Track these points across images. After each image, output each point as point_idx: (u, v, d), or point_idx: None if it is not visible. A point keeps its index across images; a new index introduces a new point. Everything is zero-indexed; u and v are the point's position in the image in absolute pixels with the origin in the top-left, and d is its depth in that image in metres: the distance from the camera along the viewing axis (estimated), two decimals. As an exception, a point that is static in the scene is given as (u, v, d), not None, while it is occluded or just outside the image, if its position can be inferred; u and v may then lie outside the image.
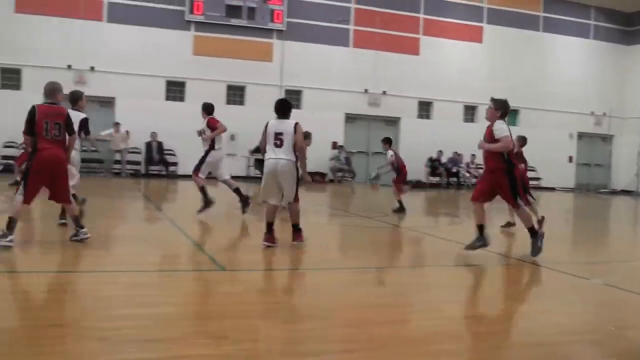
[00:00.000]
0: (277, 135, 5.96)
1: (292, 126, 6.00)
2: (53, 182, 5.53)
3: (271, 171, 5.93)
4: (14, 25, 16.86)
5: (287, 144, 5.91)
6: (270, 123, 6.07)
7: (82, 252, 5.66)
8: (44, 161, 5.43)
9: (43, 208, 8.09)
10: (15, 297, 4.21)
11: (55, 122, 5.52)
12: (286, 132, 5.95)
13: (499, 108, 6.07)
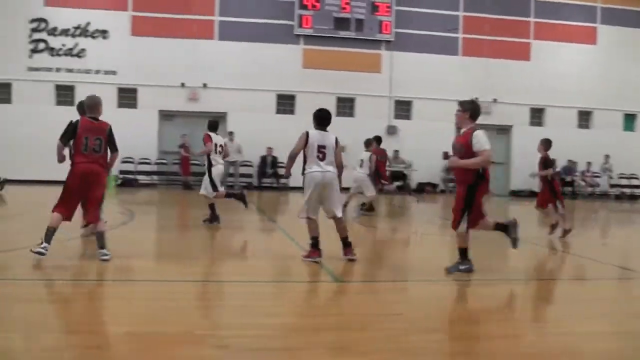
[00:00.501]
0: (320, 148, 5.96)
1: (333, 139, 6.05)
2: (86, 196, 5.66)
3: (318, 184, 5.92)
4: (131, 47, 18.03)
5: (329, 157, 5.96)
6: (311, 134, 6.03)
7: (201, 262, 6.16)
8: (79, 175, 5.59)
9: (178, 220, 8.81)
10: (138, 305, 4.43)
11: (96, 137, 5.67)
12: (328, 145, 6.00)
13: (467, 110, 5.63)
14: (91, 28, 17.83)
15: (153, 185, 18.13)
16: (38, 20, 17.81)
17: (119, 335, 3.65)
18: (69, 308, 4.40)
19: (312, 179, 5.95)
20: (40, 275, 5.40)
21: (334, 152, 5.98)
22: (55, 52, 17.83)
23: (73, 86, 17.76)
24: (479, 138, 5.43)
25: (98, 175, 5.68)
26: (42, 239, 5.42)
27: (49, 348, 3.38)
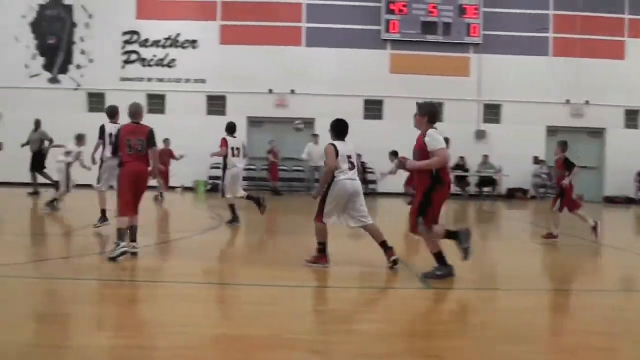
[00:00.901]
0: (348, 158, 6.38)
1: (354, 147, 6.53)
2: (135, 193, 6.59)
3: (348, 192, 6.28)
4: (220, 56, 19.28)
5: (355, 165, 6.42)
6: (338, 145, 6.41)
7: (290, 267, 6.47)
8: (128, 174, 6.57)
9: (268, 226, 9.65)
10: (231, 308, 4.85)
11: (138, 138, 6.65)
12: (352, 154, 6.50)
13: (425, 114, 5.71)
14: (181, 39, 19.17)
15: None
16: (131, 33, 19.25)
17: (211, 337, 3.99)
18: (161, 309, 4.82)
19: (343, 186, 6.25)
20: (128, 276, 6.11)
21: (355, 159, 6.43)
22: (146, 62, 19.21)
23: (164, 95, 19.12)
24: (432, 137, 5.50)
25: (143, 175, 6.69)
26: (117, 241, 6.36)
27: (145, 347, 3.82)
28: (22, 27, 19.66)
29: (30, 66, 19.74)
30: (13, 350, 3.64)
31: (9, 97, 19.29)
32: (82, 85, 19.64)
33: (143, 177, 6.69)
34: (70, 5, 19.58)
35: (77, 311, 4.72)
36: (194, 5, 19.31)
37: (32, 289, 5.45)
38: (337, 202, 6.29)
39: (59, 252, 7.70)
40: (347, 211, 6.34)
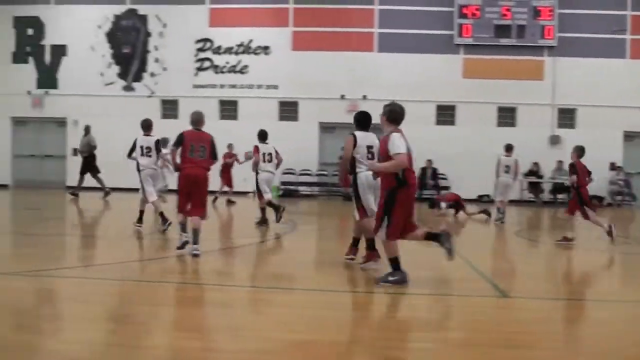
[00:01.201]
0: (369, 148, 6.70)
1: (376, 139, 6.71)
2: (191, 196, 7.30)
3: (372, 184, 6.59)
4: (292, 62, 20.23)
5: (377, 156, 6.51)
6: (358, 136, 6.75)
7: (361, 272, 6.76)
8: (186, 177, 7.24)
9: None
10: (304, 313, 5.05)
11: (201, 145, 7.33)
12: (375, 145, 6.68)
13: (384, 113, 6.04)
14: (253, 45, 20.23)
15: (313, 196, 20.08)
16: (203, 41, 20.40)
17: (285, 342, 4.17)
18: (232, 312, 5.09)
19: (366, 179, 6.60)
20: (200, 279, 6.65)
21: (377, 151, 6.46)
22: (219, 69, 20.32)
23: (236, 101, 20.18)
24: (393, 141, 5.79)
25: (201, 179, 7.40)
26: (182, 234, 7.42)
27: (216, 349, 4.08)
28: (98, 37, 20.94)
29: (106, 74, 21.05)
30: (87, 348, 4.02)
31: (85, 105, 20.63)
32: (155, 92, 20.87)
33: (202, 181, 7.33)
34: (145, 15, 20.80)
35: (149, 312, 5.10)
36: (266, 12, 20.33)
37: (109, 289, 5.91)
38: (368, 194, 6.70)
39: (135, 254, 8.38)
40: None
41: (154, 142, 10.03)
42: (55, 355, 3.91)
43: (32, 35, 21.60)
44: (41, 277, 6.27)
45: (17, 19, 21.63)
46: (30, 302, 5.40)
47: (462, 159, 19.66)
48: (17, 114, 21.70)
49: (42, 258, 7.48)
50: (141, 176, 9.99)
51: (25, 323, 4.65)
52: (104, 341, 4.25)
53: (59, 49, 21.51)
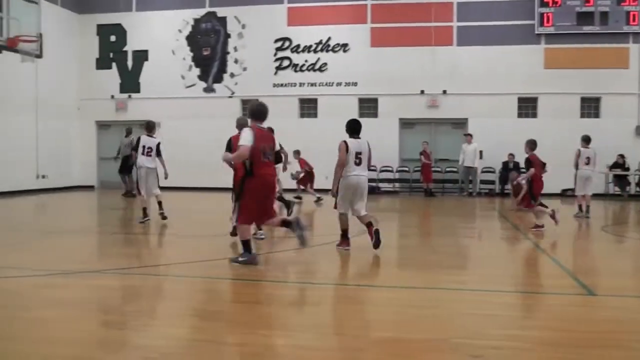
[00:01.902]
0: (357, 154, 8.60)
1: (367, 145, 8.76)
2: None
3: (353, 186, 8.64)
4: (371, 58, 22.55)
5: (364, 161, 8.67)
6: (349, 142, 8.64)
7: (446, 270, 7.80)
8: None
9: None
10: (390, 311, 5.64)
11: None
12: (364, 151, 8.70)
13: (247, 110, 7.76)
14: (332, 42, 22.54)
15: (395, 192, 22.45)
16: (282, 40, 23.03)
17: (372, 340, 4.68)
18: (320, 310, 5.74)
19: (350, 180, 8.58)
20: (286, 277, 7.48)
21: (367, 156, 8.69)
22: (298, 67, 22.80)
23: (316, 99, 22.58)
24: (242, 135, 7.37)
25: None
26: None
27: (306, 347, 4.48)
28: (179, 40, 23.74)
29: (186, 77, 23.91)
30: (174, 344, 4.60)
31: (166, 107, 23.40)
32: (235, 92, 23.58)
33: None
34: (224, 16, 23.58)
35: (236, 309, 5.86)
36: (344, 9, 22.81)
37: (195, 287, 6.84)
38: (346, 194, 8.69)
39: (220, 252, 9.24)
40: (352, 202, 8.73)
41: (156, 144, 12.42)
42: (143, 351, 4.49)
43: (115, 41, 24.91)
44: (128, 274, 7.44)
45: (101, 26, 24.91)
46: (117, 299, 6.39)
47: (544, 152, 21.12)
48: (101, 117, 24.71)
49: (127, 256, 9.02)
50: (138, 174, 12.46)
51: (113, 319, 5.45)
52: (191, 337, 4.87)
53: (141, 54, 24.64)
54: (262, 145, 7.45)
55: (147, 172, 12.39)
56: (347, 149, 8.57)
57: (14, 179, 21.12)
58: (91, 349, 4.54)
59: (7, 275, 7.10)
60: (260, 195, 7.53)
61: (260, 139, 7.42)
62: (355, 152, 8.65)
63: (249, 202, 7.48)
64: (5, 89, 20.57)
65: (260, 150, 7.39)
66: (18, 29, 17.88)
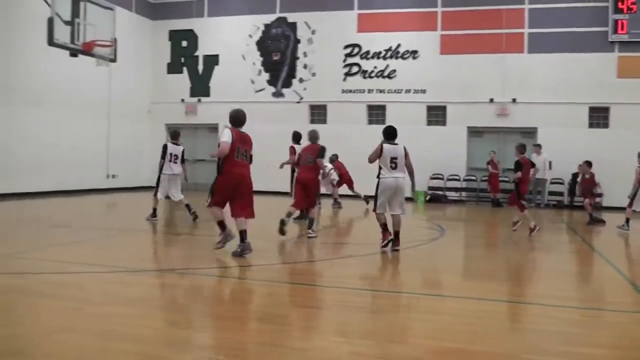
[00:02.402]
0: (392, 159, 10.12)
1: (403, 149, 10.26)
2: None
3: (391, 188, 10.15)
4: (440, 65, 24.39)
5: (399, 166, 10.17)
6: (385, 146, 10.18)
7: (509, 282, 8.45)
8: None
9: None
10: (451, 321, 5.93)
11: (309, 153, 11.34)
12: (399, 155, 10.18)
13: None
14: (402, 49, 24.53)
15: (461, 201, 24.50)
16: (352, 46, 25.10)
17: (437, 350, 4.95)
18: (383, 318, 6.13)
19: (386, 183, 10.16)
20: (350, 284, 7.85)
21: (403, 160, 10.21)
22: (367, 74, 24.63)
23: (384, 105, 24.39)
24: (223, 134, 9.09)
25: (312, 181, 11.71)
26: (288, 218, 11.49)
27: (372, 355, 4.83)
28: (249, 45, 25.98)
29: (256, 81, 26.07)
30: (239, 346, 5.02)
31: (236, 111, 25.37)
32: (304, 97, 25.58)
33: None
34: (294, 22, 25.70)
35: (299, 314, 6.28)
36: (415, 16, 24.85)
37: (258, 290, 7.52)
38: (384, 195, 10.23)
39: (284, 257, 10.37)
40: (391, 202, 10.28)
41: (181, 151, 14.29)
42: (207, 351, 4.94)
43: (187, 46, 27.64)
44: (192, 275, 8.12)
45: (173, 32, 27.70)
46: (182, 298, 6.98)
47: (616, 164, 22.44)
48: (171, 121, 27.13)
49: (194, 257, 9.81)
50: (161, 179, 14.08)
51: (178, 318, 5.94)
52: (255, 340, 5.28)
53: (211, 59, 27.18)
54: (238, 146, 9.11)
55: (173, 178, 14.18)
56: (381, 153, 10.20)
57: (86, 178, 23.97)
58: (156, 346, 4.98)
59: (76, 271, 8.04)
60: (228, 190, 9.20)
61: (237, 141, 9.10)
62: (391, 157, 10.15)
63: (217, 192, 9.30)
64: (79, 91, 23.32)
65: (235, 150, 9.05)
66: (94, 34, 20.07)
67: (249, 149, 9.38)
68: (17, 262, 8.74)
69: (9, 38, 20.14)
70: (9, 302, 6.42)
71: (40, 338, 5.12)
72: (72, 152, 22.90)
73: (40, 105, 21.45)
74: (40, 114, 21.46)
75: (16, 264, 8.60)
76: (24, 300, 6.47)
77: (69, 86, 22.52)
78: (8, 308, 6.21)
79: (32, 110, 21.08)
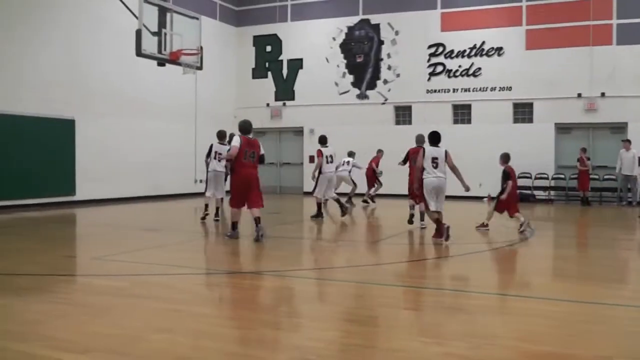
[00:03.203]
0: (434, 159, 12.42)
1: (444, 152, 12.60)
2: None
3: (434, 187, 12.45)
4: (525, 61, 26.44)
5: (440, 165, 12.43)
6: (427, 149, 12.70)
7: (607, 283, 8.61)
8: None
9: None
10: (541, 323, 6.27)
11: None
12: (440, 156, 12.51)
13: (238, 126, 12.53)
14: (486, 47, 26.79)
15: (550, 200, 26.03)
16: (436, 45, 27.53)
17: (532, 354, 5.25)
18: (475, 319, 6.45)
19: (430, 183, 12.41)
20: (437, 284, 8.64)
21: (444, 161, 12.48)
22: (452, 73, 27.19)
23: (469, 105, 26.80)
24: (233, 140, 12.23)
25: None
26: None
27: (464, 356, 5.13)
28: (333, 48, 28.96)
29: (340, 84, 28.96)
30: (330, 347, 5.38)
31: (320, 114, 28.64)
32: (389, 99, 28.31)
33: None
34: (377, 23, 28.44)
35: (389, 315, 6.66)
36: (499, 12, 26.85)
37: (348, 291, 8.05)
38: (430, 193, 12.42)
39: (372, 257, 11.35)
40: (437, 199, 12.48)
41: (226, 151, 14.66)
42: (299, 351, 5.23)
43: (271, 51, 30.50)
44: (282, 276, 8.75)
45: (257, 37, 30.66)
46: (272, 299, 7.58)
47: None
48: (257, 125, 29.81)
49: (284, 259, 10.61)
50: (208, 176, 16.17)
51: (269, 319, 6.43)
52: (346, 341, 5.60)
53: (296, 63, 30.08)
54: (245, 149, 12.06)
55: (218, 175, 16.07)
56: (424, 155, 12.55)
57: (175, 183, 26.70)
58: (248, 346, 5.42)
59: (170, 273, 8.97)
60: (239, 187, 12.21)
61: (245, 145, 12.11)
62: (432, 157, 12.47)
63: (234, 192, 12.27)
64: (168, 99, 26.08)
65: (242, 153, 12.01)
66: (180, 44, 21.49)
67: (256, 151, 12.30)
68: (111, 264, 9.73)
69: (95, 49, 22.84)
70: (106, 303, 7.05)
71: (139, 337, 5.65)
72: (163, 158, 25.56)
73: (131, 115, 24.29)
74: (130, 122, 24.26)
75: (110, 266, 9.58)
76: (119, 301, 7.15)
77: (157, 95, 25.36)
78: (105, 309, 6.78)
79: (123, 120, 23.93)
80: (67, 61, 22.04)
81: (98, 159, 22.96)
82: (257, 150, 12.28)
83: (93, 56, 22.95)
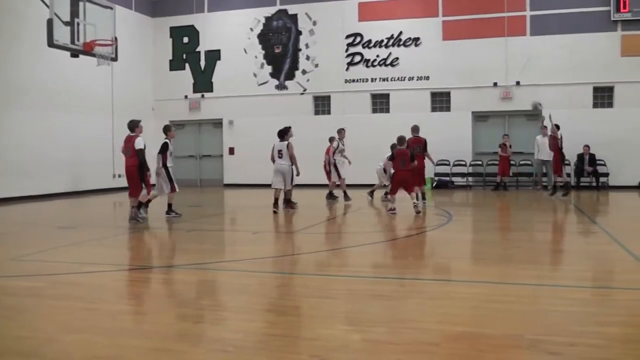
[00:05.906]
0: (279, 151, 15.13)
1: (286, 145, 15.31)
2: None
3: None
4: (442, 52, 26.65)
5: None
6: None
7: (522, 264, 8.83)
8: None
9: None
10: (467, 305, 6.39)
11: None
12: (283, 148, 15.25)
13: None
14: (403, 37, 26.74)
15: (468, 186, 26.48)
16: (353, 35, 27.27)
17: (449, 334, 5.32)
18: (396, 305, 6.56)
19: None
20: (363, 272, 8.51)
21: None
22: (370, 63, 26.92)
23: (388, 94, 26.69)
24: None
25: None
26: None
27: (381, 341, 5.21)
28: (251, 39, 28.39)
29: (258, 74, 28.41)
30: (251, 338, 5.39)
31: (239, 105, 28.00)
32: (307, 89, 27.81)
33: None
34: (295, 14, 28.01)
35: (308, 304, 6.73)
36: (416, 3, 27.05)
37: (269, 282, 8.04)
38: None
39: (288, 248, 11.30)
40: None
41: (285, 146, 16.42)
42: (220, 344, 5.23)
43: (188, 43, 29.73)
44: (203, 269, 8.70)
45: (173, 28, 29.84)
46: (192, 293, 7.58)
47: (621, 143, 24.61)
48: (175, 117, 29.48)
49: (205, 252, 10.50)
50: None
51: (189, 313, 6.38)
52: (267, 331, 5.62)
53: (213, 54, 29.40)
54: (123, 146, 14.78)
55: (286, 170, 16.51)
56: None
57: (92, 178, 25.82)
58: (168, 341, 5.31)
59: (86, 271, 8.63)
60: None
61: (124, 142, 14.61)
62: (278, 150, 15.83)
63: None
64: (82, 91, 25.15)
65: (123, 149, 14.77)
66: (94, 34, 20.99)
67: (130, 146, 14.64)
68: (27, 264, 9.34)
69: (6, 41, 21.77)
70: (21, 304, 6.78)
71: (53, 338, 5.43)
72: (78, 152, 24.67)
73: (44, 108, 23.23)
74: (44, 116, 23.22)
75: (26, 266, 9.20)
76: (35, 302, 6.88)
77: (72, 87, 24.38)
78: (21, 310, 6.52)
79: (35, 113, 22.82)
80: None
81: (14, 155, 21.97)
82: (130, 146, 14.78)
83: (5, 48, 21.98)
